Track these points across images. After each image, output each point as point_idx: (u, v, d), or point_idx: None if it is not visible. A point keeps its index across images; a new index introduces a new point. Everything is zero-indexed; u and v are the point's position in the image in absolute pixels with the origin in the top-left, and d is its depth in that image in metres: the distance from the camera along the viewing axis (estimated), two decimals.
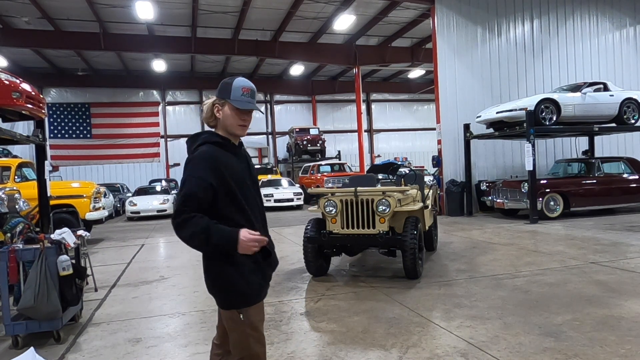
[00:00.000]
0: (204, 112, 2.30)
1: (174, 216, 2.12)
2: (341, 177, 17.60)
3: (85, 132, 25.04)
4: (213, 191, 2.10)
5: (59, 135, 24.58)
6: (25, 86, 6.40)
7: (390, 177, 8.72)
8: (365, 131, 26.44)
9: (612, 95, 11.97)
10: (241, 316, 2.19)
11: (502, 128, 12.47)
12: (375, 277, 6.22)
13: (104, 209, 11.45)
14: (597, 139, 14.53)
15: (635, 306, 4.45)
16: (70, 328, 4.49)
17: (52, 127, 24.19)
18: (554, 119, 11.46)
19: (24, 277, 4.03)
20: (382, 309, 4.73)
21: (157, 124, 26.06)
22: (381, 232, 5.77)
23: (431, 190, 7.60)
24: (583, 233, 9.07)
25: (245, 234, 2.09)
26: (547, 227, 10.17)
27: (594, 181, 11.70)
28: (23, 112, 6.41)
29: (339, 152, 26.48)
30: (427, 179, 10.42)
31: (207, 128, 2.37)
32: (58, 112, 24.61)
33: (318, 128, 25.62)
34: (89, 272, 5.73)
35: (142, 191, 19.07)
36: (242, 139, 2.37)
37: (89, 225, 10.58)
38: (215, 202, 2.14)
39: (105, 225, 14.71)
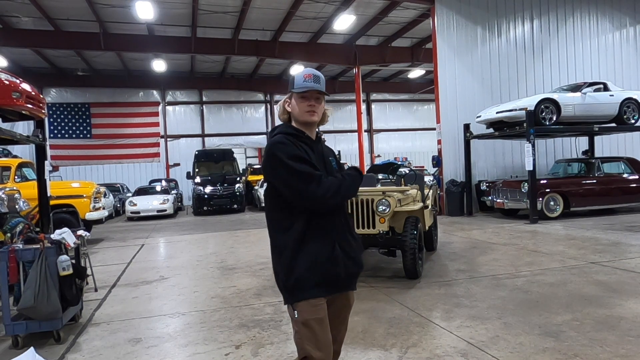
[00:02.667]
0: (278, 110, 2.31)
1: (314, 196, 2.06)
2: None
3: (85, 132, 25.02)
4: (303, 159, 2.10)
5: (59, 135, 24.56)
6: (25, 86, 6.40)
7: (390, 177, 8.72)
8: (365, 131, 26.42)
9: (612, 95, 11.97)
10: (295, 313, 2.14)
11: (502, 128, 12.47)
12: (375, 277, 6.22)
13: (104, 209, 11.45)
14: (597, 139, 14.53)
15: (635, 306, 4.45)
16: (70, 328, 4.49)
17: (52, 127, 24.16)
18: (554, 119, 11.46)
19: (24, 277, 4.03)
20: (382, 309, 4.73)
21: (157, 124, 26.03)
22: (381, 232, 5.77)
23: (431, 190, 7.60)
24: (583, 233, 9.07)
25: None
26: (547, 227, 10.17)
27: (594, 181, 11.70)
28: (23, 112, 6.40)
29: (339, 152, 26.36)
30: (427, 179, 10.42)
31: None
32: (58, 112, 24.59)
33: (318, 128, 25.54)
34: (89, 272, 5.73)
35: (142, 191, 19.08)
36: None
37: (89, 225, 10.58)
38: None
39: (105, 225, 14.70)
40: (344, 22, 17.45)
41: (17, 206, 6.53)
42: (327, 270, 2.13)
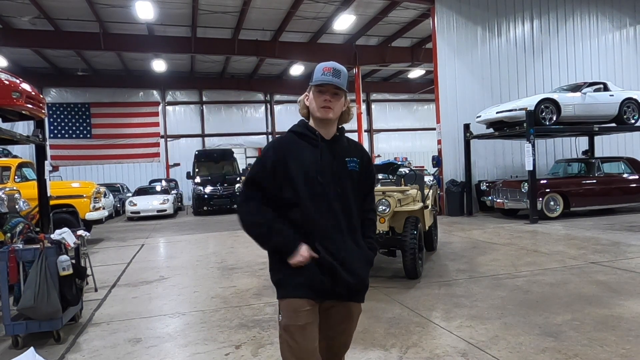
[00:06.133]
0: (299, 105, 2.25)
1: (239, 197, 2.16)
2: None
3: (85, 132, 25.01)
4: (273, 171, 2.08)
5: (59, 135, 24.55)
6: (25, 86, 6.40)
7: (390, 177, 8.72)
8: (365, 131, 26.42)
9: (612, 95, 11.97)
10: (279, 316, 2.10)
11: (502, 128, 12.46)
12: (375, 277, 6.21)
13: (104, 209, 11.45)
14: (597, 139, 14.53)
15: (635, 306, 4.45)
16: (70, 328, 4.49)
17: (52, 127, 24.16)
18: (554, 119, 11.46)
19: (24, 277, 4.02)
20: (382, 309, 4.72)
21: (157, 124, 26.02)
22: (381, 232, 5.77)
23: (431, 190, 7.60)
24: (583, 233, 9.07)
25: (304, 252, 2.03)
26: (547, 227, 10.17)
27: (594, 181, 11.70)
28: (23, 112, 6.40)
29: None
30: (427, 179, 10.41)
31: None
32: (58, 112, 24.59)
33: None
34: (89, 272, 5.73)
35: (142, 191, 19.07)
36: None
37: (89, 225, 10.58)
38: (274, 185, 2.10)
39: (105, 225, 14.70)
40: (344, 22, 17.45)
41: (17, 206, 6.53)
42: (312, 274, 2.04)
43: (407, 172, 8.26)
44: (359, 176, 2.21)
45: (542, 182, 11.47)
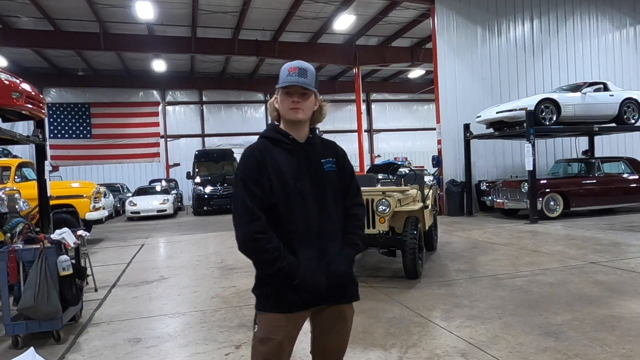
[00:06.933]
0: (269, 108, 2.17)
1: (235, 231, 1.96)
2: None
3: (85, 132, 25.02)
4: (262, 187, 1.95)
5: (59, 135, 24.56)
6: (25, 86, 6.40)
7: (390, 177, 8.72)
8: (365, 131, 26.42)
9: (612, 95, 11.97)
10: (256, 327, 2.03)
11: (502, 128, 12.46)
12: (375, 277, 6.22)
13: (104, 209, 11.45)
14: (597, 139, 14.53)
15: (635, 306, 4.45)
16: (70, 328, 4.49)
17: (52, 127, 24.16)
18: (554, 119, 11.46)
19: (24, 277, 4.03)
20: (382, 309, 4.72)
21: (157, 124, 26.03)
22: (381, 232, 5.77)
23: (431, 190, 7.60)
24: (583, 233, 9.07)
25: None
26: (547, 227, 10.17)
27: (594, 181, 11.70)
28: (23, 112, 6.41)
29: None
30: (427, 179, 10.42)
31: None
32: (58, 112, 24.59)
33: (318, 128, 25.48)
34: (89, 272, 5.73)
35: (142, 191, 19.08)
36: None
37: (89, 225, 10.58)
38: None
39: (105, 225, 14.70)
40: (344, 22, 17.45)
41: (17, 206, 6.53)
42: (295, 288, 1.95)
43: (407, 172, 8.26)
44: (338, 175, 2.13)
45: (542, 182, 11.47)
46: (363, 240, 2.20)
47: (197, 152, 20.87)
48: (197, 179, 18.92)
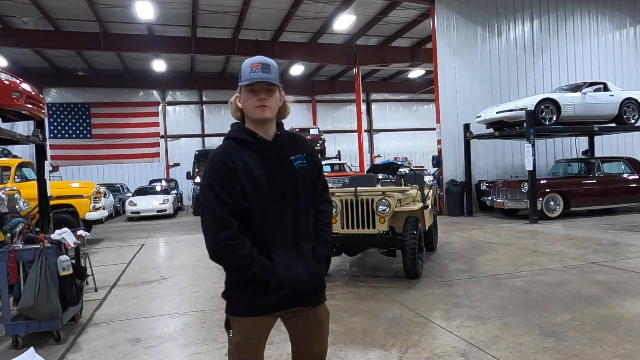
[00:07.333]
0: (231, 108, 2.10)
1: (205, 239, 1.89)
2: (341, 177, 17.58)
3: (85, 132, 25.03)
4: (231, 192, 1.88)
5: (59, 135, 24.57)
6: (25, 86, 6.40)
7: (390, 177, 8.72)
8: (365, 131, 26.42)
9: (612, 95, 11.97)
10: (231, 331, 1.97)
11: (502, 128, 12.46)
12: (375, 277, 6.22)
13: (104, 209, 11.45)
14: (597, 139, 14.53)
15: (635, 306, 4.45)
16: (70, 328, 4.49)
17: (52, 127, 24.18)
18: (554, 119, 11.45)
19: (24, 277, 4.03)
20: (382, 309, 4.72)
21: (157, 124, 26.04)
22: (381, 232, 5.77)
23: (431, 190, 7.60)
24: (583, 233, 9.07)
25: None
26: (547, 227, 10.17)
27: (594, 181, 11.69)
28: (23, 112, 6.41)
29: (339, 152, 26.42)
30: (427, 179, 10.42)
31: None
32: (58, 112, 24.60)
33: (318, 128, 25.55)
34: (89, 272, 5.73)
35: (142, 191, 19.09)
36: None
37: (89, 225, 10.58)
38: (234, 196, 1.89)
39: (105, 225, 14.70)
40: (344, 22, 17.45)
41: (17, 206, 6.53)
42: (266, 291, 1.90)
43: (407, 172, 8.26)
44: (308, 171, 2.05)
45: (542, 182, 11.47)
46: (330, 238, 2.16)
47: (197, 152, 20.87)
48: (197, 179, 18.91)
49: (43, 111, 6.99)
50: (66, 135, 24.74)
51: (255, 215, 1.90)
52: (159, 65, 22.21)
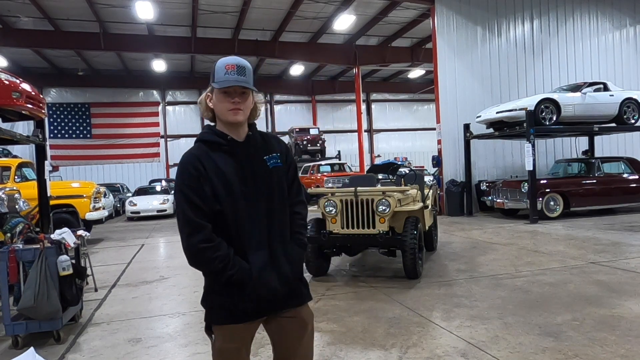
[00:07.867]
0: (200, 107, 2.06)
1: (183, 244, 1.87)
2: (341, 177, 17.59)
3: (85, 132, 25.04)
4: (203, 195, 1.86)
5: (59, 135, 24.58)
6: (25, 86, 6.40)
7: (390, 177, 8.72)
8: (365, 131, 26.42)
9: (612, 95, 11.97)
10: (213, 336, 1.96)
11: (502, 128, 12.46)
12: (375, 277, 6.22)
13: (104, 209, 11.45)
14: (597, 139, 14.53)
15: (635, 306, 4.45)
16: (70, 328, 4.49)
17: (52, 127, 24.19)
18: (554, 119, 11.45)
19: (24, 277, 4.03)
20: (382, 309, 4.72)
21: (157, 124, 26.05)
22: (381, 232, 5.77)
23: (431, 190, 7.60)
24: (583, 233, 9.06)
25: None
26: (547, 227, 10.16)
27: (594, 181, 11.69)
28: (23, 112, 6.41)
29: (339, 152, 26.47)
30: (427, 179, 10.42)
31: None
32: (58, 112, 24.61)
33: (318, 128, 25.59)
34: (89, 272, 5.73)
35: (142, 191, 19.07)
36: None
37: (89, 225, 10.58)
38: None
39: (105, 225, 14.70)
40: (344, 22, 17.46)
41: (17, 206, 6.53)
42: (245, 296, 1.88)
43: (407, 172, 8.26)
44: (283, 171, 2.04)
45: (542, 182, 11.47)
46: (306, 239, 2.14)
47: None
48: None
49: (43, 111, 6.99)
50: (66, 135, 24.75)
51: (229, 217, 1.88)
52: (159, 65, 22.22)
